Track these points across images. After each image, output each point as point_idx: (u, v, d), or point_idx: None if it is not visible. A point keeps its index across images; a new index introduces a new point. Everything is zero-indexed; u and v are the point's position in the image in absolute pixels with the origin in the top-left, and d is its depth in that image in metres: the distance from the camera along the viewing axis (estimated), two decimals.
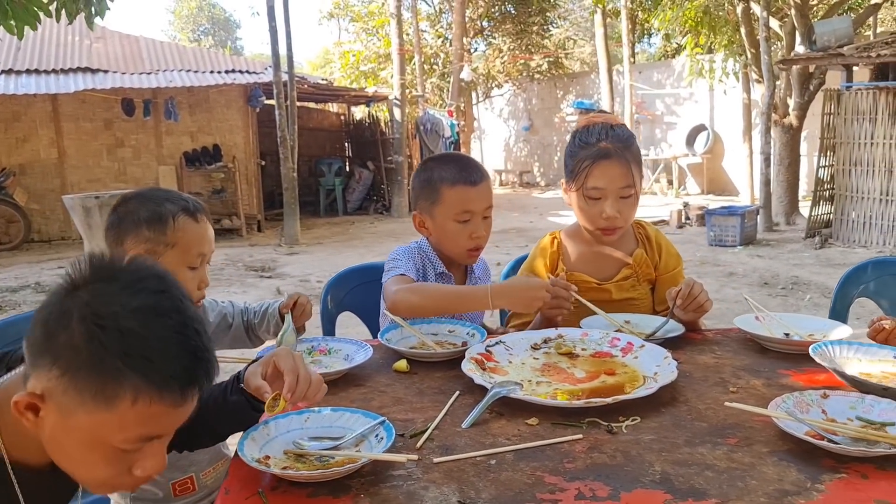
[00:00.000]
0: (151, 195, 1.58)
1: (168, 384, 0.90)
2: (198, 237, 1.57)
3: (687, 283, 1.74)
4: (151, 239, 1.53)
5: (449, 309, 1.76)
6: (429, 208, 1.93)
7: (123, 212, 1.57)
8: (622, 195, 1.83)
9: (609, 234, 1.87)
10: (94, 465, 0.95)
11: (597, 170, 1.82)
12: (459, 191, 1.87)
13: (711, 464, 1.13)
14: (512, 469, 1.13)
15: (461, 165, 1.92)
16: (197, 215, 1.58)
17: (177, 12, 41.42)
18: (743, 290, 6.17)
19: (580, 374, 1.50)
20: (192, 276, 1.56)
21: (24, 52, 11.03)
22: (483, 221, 1.91)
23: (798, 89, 9.58)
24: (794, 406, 1.27)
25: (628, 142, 1.85)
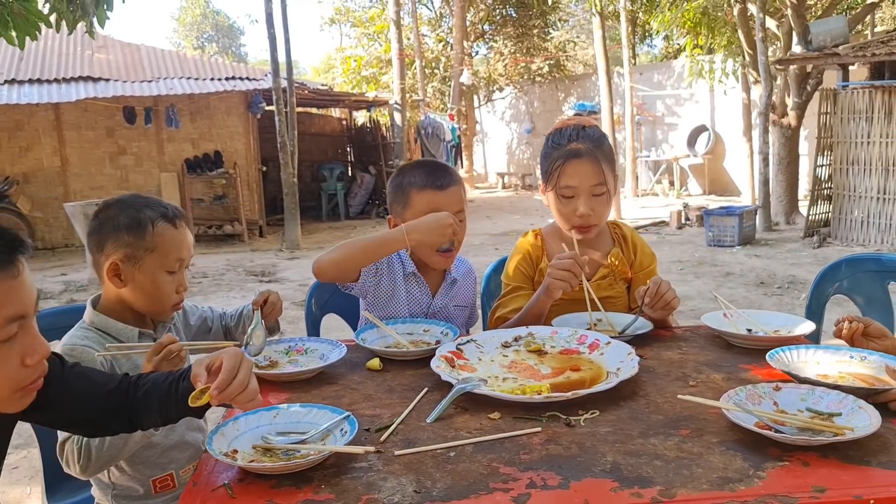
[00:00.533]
0: (131, 201, 1.64)
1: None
2: (176, 242, 1.63)
3: (654, 281, 1.79)
4: (131, 244, 1.58)
5: (370, 252, 1.82)
6: (401, 212, 1.98)
7: (104, 217, 1.62)
8: (594, 193, 1.88)
9: (584, 231, 1.91)
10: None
11: (569, 168, 1.87)
12: (427, 195, 1.93)
13: (661, 454, 1.18)
14: (469, 460, 1.18)
15: (430, 171, 1.97)
16: (176, 221, 1.63)
17: (181, 20, 41.64)
18: (739, 290, 6.21)
19: (546, 370, 1.55)
20: (171, 280, 1.62)
21: (26, 62, 11.14)
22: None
23: (796, 89, 9.61)
24: (746, 398, 1.31)
25: (599, 141, 1.90)
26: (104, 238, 1.60)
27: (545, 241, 2.04)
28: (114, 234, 1.59)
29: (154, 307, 1.63)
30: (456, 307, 2.07)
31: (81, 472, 1.47)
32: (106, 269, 1.59)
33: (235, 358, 1.17)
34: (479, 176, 20.92)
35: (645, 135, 16.66)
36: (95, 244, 1.62)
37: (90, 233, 1.64)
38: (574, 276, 1.75)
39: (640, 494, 1.05)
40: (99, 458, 1.45)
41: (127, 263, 1.58)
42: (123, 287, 1.59)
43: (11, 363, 1.05)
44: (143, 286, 1.59)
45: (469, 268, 2.17)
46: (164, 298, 1.62)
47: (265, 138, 12.06)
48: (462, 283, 2.11)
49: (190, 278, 6.18)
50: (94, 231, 1.62)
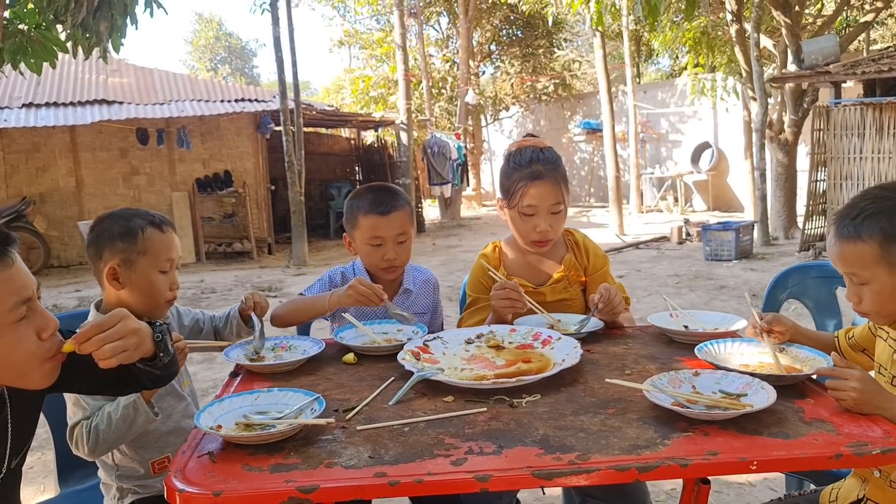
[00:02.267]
0: (122, 214, 1.87)
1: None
2: (165, 244, 1.85)
3: (605, 289, 1.98)
4: (125, 250, 1.80)
5: (304, 312, 2.15)
6: (351, 232, 2.23)
7: (100, 230, 1.84)
8: (553, 211, 2.08)
9: (541, 245, 2.11)
10: (15, 346, 1.24)
11: (531, 190, 2.06)
12: (371, 219, 2.15)
13: (586, 428, 1.37)
14: (420, 434, 1.37)
15: (377, 196, 2.19)
16: (163, 227, 1.86)
17: (194, 42, 42.36)
18: (731, 302, 6.36)
19: (501, 361, 1.74)
20: (164, 280, 1.84)
21: (43, 86, 11.50)
22: (397, 246, 2.17)
23: (792, 106, 9.79)
24: (668, 383, 1.50)
25: (556, 163, 2.10)
26: (101, 247, 1.82)
27: (503, 253, 2.24)
28: (109, 242, 1.81)
29: (150, 305, 1.84)
30: (416, 314, 2.25)
31: (90, 452, 1.68)
32: (105, 274, 1.80)
33: (112, 317, 1.30)
34: (486, 193, 21.14)
35: (649, 152, 16.86)
36: (94, 254, 1.84)
37: (88, 244, 1.86)
38: (514, 301, 1.96)
39: (559, 458, 1.24)
40: (106, 440, 1.66)
41: (123, 267, 1.80)
42: (122, 289, 1.81)
43: (30, 339, 1.26)
44: (139, 286, 1.81)
45: (427, 277, 2.37)
46: (159, 296, 1.83)
47: (274, 158, 12.35)
48: (418, 293, 2.30)
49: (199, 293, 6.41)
50: (91, 242, 1.85)
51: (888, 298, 1.53)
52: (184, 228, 11.03)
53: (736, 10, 9.92)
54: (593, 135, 17.77)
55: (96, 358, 1.28)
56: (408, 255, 2.22)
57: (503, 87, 20.29)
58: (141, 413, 1.65)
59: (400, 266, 2.21)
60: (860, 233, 1.51)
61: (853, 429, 1.31)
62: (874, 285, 1.52)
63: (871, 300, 1.54)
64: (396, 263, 2.18)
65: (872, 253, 1.50)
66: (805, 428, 1.32)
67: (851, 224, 1.53)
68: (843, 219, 1.55)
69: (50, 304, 7.83)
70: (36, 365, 1.28)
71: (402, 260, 2.20)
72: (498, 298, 1.97)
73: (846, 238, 1.54)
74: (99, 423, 1.65)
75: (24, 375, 1.29)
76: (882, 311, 1.56)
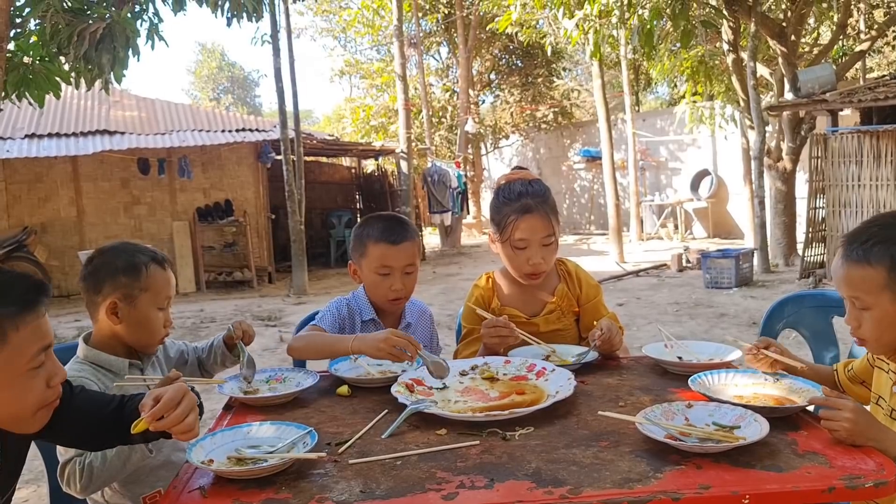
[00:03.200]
0: (124, 248, 1.87)
1: (27, 304, 1.24)
2: (165, 282, 1.87)
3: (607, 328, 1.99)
4: (127, 285, 1.81)
5: (323, 352, 2.01)
6: (358, 260, 2.21)
7: (100, 263, 1.84)
8: (544, 243, 2.09)
9: (534, 278, 2.12)
10: (25, 394, 1.25)
11: (522, 223, 2.07)
12: (381, 248, 2.14)
13: (579, 461, 1.36)
14: (412, 468, 1.37)
15: (388, 225, 2.18)
16: (164, 265, 1.88)
17: (197, 73, 42.80)
18: (731, 330, 6.35)
19: (494, 394, 1.74)
20: (161, 317, 1.85)
21: (46, 117, 11.60)
22: (404, 276, 2.16)
23: (790, 134, 9.86)
24: (661, 415, 1.50)
25: (545, 196, 2.11)
26: (101, 281, 1.82)
27: (496, 284, 2.24)
28: (111, 276, 1.81)
29: (145, 341, 1.84)
30: None
31: (82, 490, 1.66)
32: (105, 308, 1.80)
33: (178, 391, 1.34)
34: (486, 222, 21.14)
35: (649, 179, 16.93)
36: (92, 287, 1.83)
37: (85, 277, 1.85)
38: (505, 335, 1.97)
39: (551, 492, 1.23)
40: (99, 477, 1.65)
41: (124, 302, 1.80)
42: (120, 324, 1.80)
43: (39, 387, 1.28)
44: (137, 322, 1.81)
45: (422, 309, 2.37)
46: (155, 333, 1.84)
47: (275, 187, 12.40)
48: (416, 325, 2.31)
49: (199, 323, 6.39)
50: (90, 275, 1.84)
51: (888, 327, 1.53)
52: (184, 258, 11.05)
53: (732, 39, 10.03)
54: (593, 163, 17.86)
55: (176, 433, 1.32)
56: (413, 286, 2.20)
57: (503, 115, 20.46)
58: (136, 450, 1.64)
59: (405, 298, 2.20)
60: (869, 258, 1.51)
61: (846, 461, 1.31)
62: (876, 311, 1.53)
63: (870, 326, 1.55)
64: (402, 294, 2.17)
65: (879, 279, 1.51)
66: (798, 461, 1.32)
67: (861, 248, 1.53)
68: (853, 242, 1.56)
69: None
70: (34, 412, 1.30)
71: (407, 291, 2.18)
72: (489, 336, 1.99)
73: (854, 261, 1.54)
74: (93, 460, 1.63)
75: (22, 421, 1.30)
76: (880, 339, 1.56)
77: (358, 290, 2.27)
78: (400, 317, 2.27)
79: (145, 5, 5.80)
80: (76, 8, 5.30)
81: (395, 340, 1.78)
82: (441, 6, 19.60)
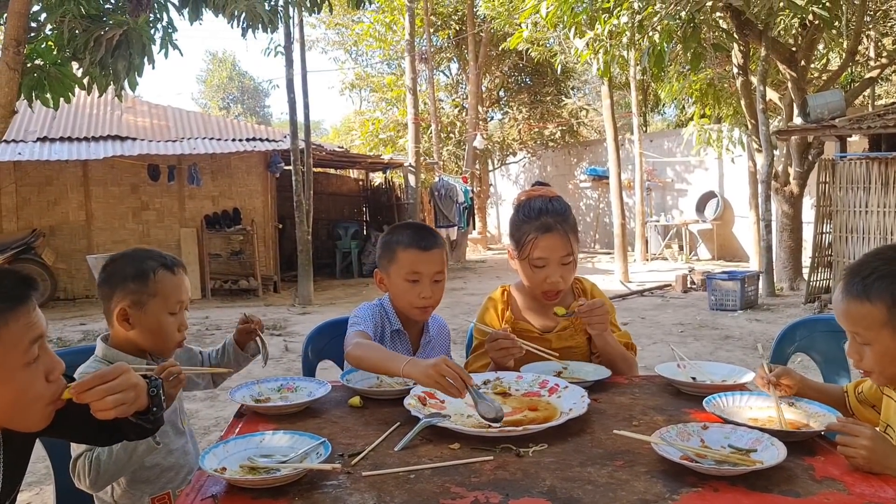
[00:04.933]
0: (135, 255, 1.89)
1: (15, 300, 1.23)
2: (175, 287, 1.86)
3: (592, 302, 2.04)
4: (136, 291, 1.82)
5: (377, 367, 1.90)
6: (386, 267, 2.18)
7: (112, 270, 1.86)
8: (563, 262, 2.08)
9: (551, 297, 2.11)
10: (26, 389, 1.25)
11: (541, 242, 2.07)
12: (411, 254, 2.11)
13: (594, 480, 1.35)
14: (426, 482, 1.36)
15: (417, 232, 2.16)
16: (174, 269, 1.87)
17: (208, 82, 43.06)
18: (736, 353, 6.32)
19: (507, 409, 1.73)
20: (173, 321, 1.85)
21: (58, 121, 11.67)
22: (433, 284, 2.13)
23: (798, 158, 9.86)
24: (676, 435, 1.49)
25: (565, 214, 2.11)
26: (113, 288, 1.83)
27: (511, 297, 2.24)
28: (121, 283, 1.82)
29: (159, 346, 1.85)
30: None
31: (92, 485, 1.67)
32: (116, 315, 1.81)
33: (115, 370, 1.32)
34: (491, 237, 21.21)
35: (655, 200, 16.94)
36: (106, 294, 1.85)
37: (100, 284, 1.88)
38: (510, 349, 1.96)
39: None
40: (107, 471, 1.65)
41: (133, 308, 1.81)
42: (132, 330, 1.81)
43: (39, 381, 1.27)
44: (149, 328, 1.82)
45: (441, 324, 2.36)
46: (169, 337, 1.84)
47: (283, 196, 12.44)
48: (436, 339, 2.30)
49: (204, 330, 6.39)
50: (103, 283, 1.86)
51: (890, 362, 1.51)
52: (191, 265, 11.05)
53: (742, 63, 10.06)
54: (599, 182, 17.88)
55: (96, 409, 1.29)
56: (441, 295, 2.16)
57: (511, 132, 20.52)
58: (142, 442, 1.65)
59: (433, 306, 2.17)
60: (869, 294, 1.49)
61: (865, 489, 1.30)
62: (877, 347, 1.51)
63: (872, 360, 1.53)
64: (431, 303, 2.14)
65: (879, 316, 1.48)
66: (815, 486, 1.31)
67: (861, 283, 1.51)
68: (854, 276, 1.53)
69: (55, 338, 7.82)
70: (40, 408, 1.29)
71: (435, 299, 2.15)
72: (494, 350, 1.98)
73: (854, 297, 1.52)
74: (100, 454, 1.64)
75: (25, 417, 1.30)
76: (884, 373, 1.54)
77: (384, 298, 2.24)
78: (422, 330, 2.26)
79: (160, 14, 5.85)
80: (93, 14, 5.34)
81: (445, 370, 1.64)
82: (453, 23, 19.73)
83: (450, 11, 19.70)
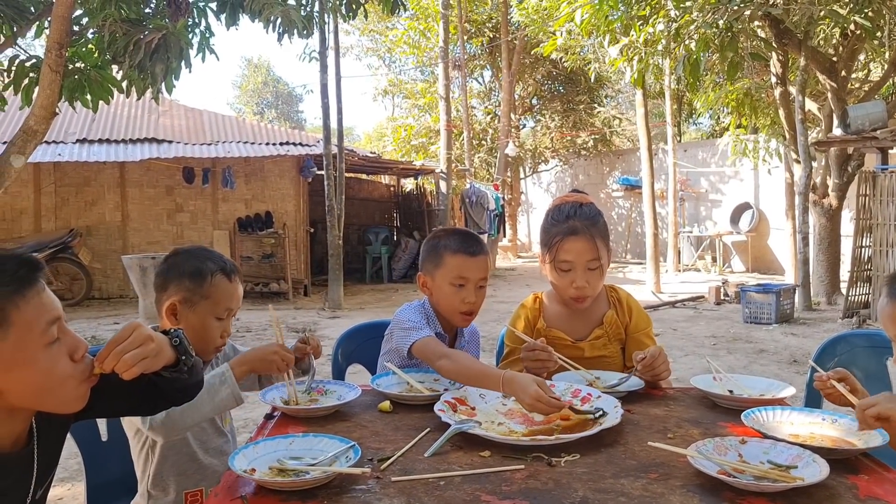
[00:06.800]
0: (197, 253, 1.91)
1: (21, 281, 1.21)
2: (228, 294, 1.88)
3: (653, 353, 1.94)
4: (190, 289, 1.84)
5: (471, 383, 1.87)
6: (432, 270, 2.17)
7: (172, 262, 1.89)
8: (589, 267, 2.06)
9: (579, 302, 2.09)
10: (51, 369, 1.23)
11: (566, 245, 2.05)
12: (459, 258, 2.12)
13: (628, 492, 1.32)
14: (456, 489, 1.34)
15: (464, 238, 2.17)
16: (231, 276, 1.89)
17: (243, 87, 43.60)
18: (771, 367, 6.20)
19: (539, 417, 1.70)
20: (218, 326, 1.86)
21: (97, 123, 11.89)
22: (477, 290, 2.13)
23: (837, 170, 9.68)
24: (713, 449, 1.45)
25: (595, 219, 2.08)
26: (169, 280, 1.86)
27: (543, 305, 2.22)
28: (177, 278, 1.85)
29: (199, 347, 1.85)
30: None
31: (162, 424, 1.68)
32: (165, 307, 1.84)
33: (124, 330, 1.29)
34: (522, 245, 21.13)
35: (688, 210, 16.75)
36: (160, 285, 1.88)
37: (158, 274, 1.90)
38: (545, 362, 1.94)
39: None
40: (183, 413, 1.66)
41: (183, 305, 1.83)
42: (177, 325, 1.83)
43: (64, 361, 1.25)
44: (193, 327, 1.83)
45: (473, 329, 2.35)
46: (210, 341, 1.85)
47: (315, 201, 12.53)
48: (469, 344, 2.29)
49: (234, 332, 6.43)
50: (161, 273, 1.89)
51: None
52: None
53: (780, 72, 9.91)
54: (631, 191, 17.73)
55: (118, 371, 1.26)
56: (482, 302, 2.16)
57: (543, 140, 20.45)
58: (227, 384, 1.65)
59: (476, 311, 2.16)
60: None
61: None
62: None
63: None
64: (474, 308, 2.14)
65: None
66: None
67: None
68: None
69: (88, 336, 7.95)
70: (72, 387, 1.27)
71: (478, 305, 2.15)
72: (529, 360, 1.97)
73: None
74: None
75: (60, 399, 1.28)
76: None
77: (424, 301, 2.23)
78: (457, 334, 2.26)
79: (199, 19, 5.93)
80: (133, 18, 5.43)
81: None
82: (486, 30, 19.75)
83: (484, 19, 19.73)
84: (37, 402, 1.28)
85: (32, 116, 5.05)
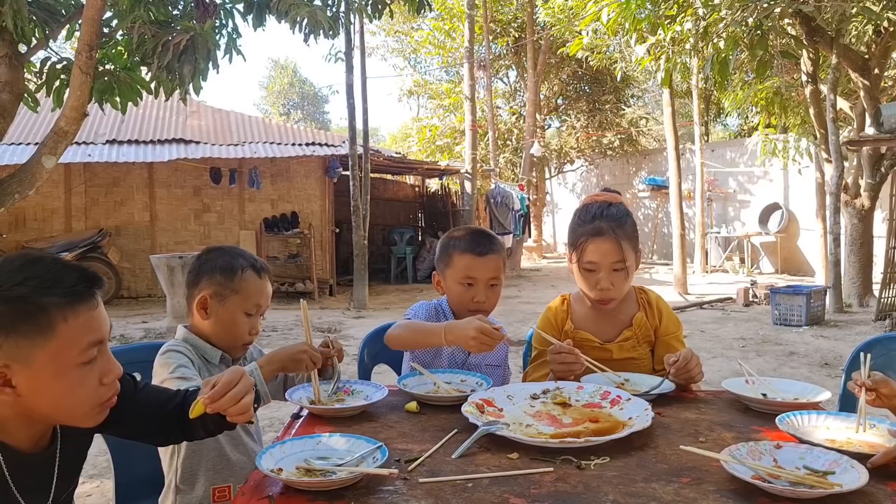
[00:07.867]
0: (229, 250, 1.96)
1: (77, 295, 1.20)
2: (257, 290, 1.91)
3: (684, 356, 1.91)
4: (221, 283, 1.88)
5: (417, 339, 2.01)
6: (443, 269, 2.20)
7: (205, 259, 1.94)
8: (614, 268, 2.03)
9: (603, 304, 2.06)
10: (75, 388, 1.23)
11: (591, 245, 2.03)
12: (467, 259, 2.14)
13: (659, 497, 1.29)
14: (484, 491, 1.32)
15: (474, 237, 2.18)
16: (261, 273, 1.93)
17: (269, 87, 43.97)
18: (802, 370, 6.10)
19: (567, 419, 1.68)
20: (246, 322, 1.89)
21: (126, 125, 12.05)
22: (488, 289, 2.14)
23: (869, 170, 9.50)
24: (747, 454, 1.41)
25: (622, 220, 2.06)
26: (201, 275, 1.90)
27: (570, 306, 2.19)
28: (209, 273, 1.89)
29: (228, 342, 1.88)
30: (488, 366, 2.23)
31: None
32: (196, 302, 1.87)
33: (235, 374, 1.34)
34: (547, 246, 21.04)
35: (716, 211, 16.56)
36: (192, 281, 1.92)
37: (191, 269, 1.94)
38: (572, 365, 1.92)
39: None
40: None
41: (214, 300, 1.87)
42: (207, 319, 1.86)
43: (91, 382, 1.25)
44: (223, 321, 1.86)
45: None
46: (238, 336, 1.88)
47: (340, 201, 12.58)
48: None
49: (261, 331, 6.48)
50: (194, 269, 1.93)
51: None
52: None
53: (811, 71, 9.75)
54: (658, 191, 17.58)
55: (232, 414, 1.31)
56: (496, 300, 2.19)
57: (568, 140, 20.34)
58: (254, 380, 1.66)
59: (488, 310, 2.17)
60: None
61: None
62: None
63: None
64: (485, 307, 2.15)
65: None
66: None
67: None
68: None
69: (117, 334, 8.04)
70: (89, 407, 1.28)
71: (490, 304, 2.17)
72: (555, 363, 1.95)
73: None
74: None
75: (74, 415, 1.28)
76: None
77: (442, 300, 2.26)
78: None
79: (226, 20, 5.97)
80: (162, 20, 5.48)
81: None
82: (512, 30, 19.68)
83: (509, 19, 19.66)
84: (51, 412, 1.27)
85: (63, 118, 5.12)
